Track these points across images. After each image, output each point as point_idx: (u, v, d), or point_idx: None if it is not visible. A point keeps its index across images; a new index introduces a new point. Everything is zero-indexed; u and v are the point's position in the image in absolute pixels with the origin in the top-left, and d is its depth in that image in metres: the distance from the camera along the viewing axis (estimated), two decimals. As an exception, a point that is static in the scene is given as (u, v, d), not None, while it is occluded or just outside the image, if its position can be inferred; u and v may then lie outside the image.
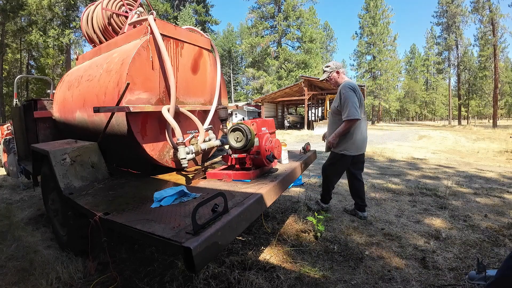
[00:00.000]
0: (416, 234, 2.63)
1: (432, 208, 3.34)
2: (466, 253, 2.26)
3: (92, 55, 3.19)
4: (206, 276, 1.97)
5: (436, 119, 60.91)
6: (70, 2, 22.50)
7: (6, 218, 3.40)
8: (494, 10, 30.71)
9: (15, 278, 2.09)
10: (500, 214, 3.13)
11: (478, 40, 36.09)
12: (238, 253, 2.31)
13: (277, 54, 36.36)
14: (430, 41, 47.50)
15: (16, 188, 5.12)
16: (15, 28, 21.99)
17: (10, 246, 2.64)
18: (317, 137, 15.28)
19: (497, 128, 23.05)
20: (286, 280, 1.92)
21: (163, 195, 1.61)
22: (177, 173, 2.51)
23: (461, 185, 4.41)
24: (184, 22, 35.26)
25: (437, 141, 13.34)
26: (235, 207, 1.37)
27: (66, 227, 2.36)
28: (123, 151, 2.59)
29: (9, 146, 5.26)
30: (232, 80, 50.28)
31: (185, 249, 1.01)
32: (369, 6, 37.59)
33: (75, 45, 26.03)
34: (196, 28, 3.13)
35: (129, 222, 1.33)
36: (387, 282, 1.91)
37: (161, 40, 2.23)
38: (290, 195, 3.96)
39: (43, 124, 3.48)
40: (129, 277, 2.04)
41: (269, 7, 36.61)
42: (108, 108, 1.99)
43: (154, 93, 2.33)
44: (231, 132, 2.01)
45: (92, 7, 3.35)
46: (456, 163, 6.98)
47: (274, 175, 2.06)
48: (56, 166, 2.10)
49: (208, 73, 2.93)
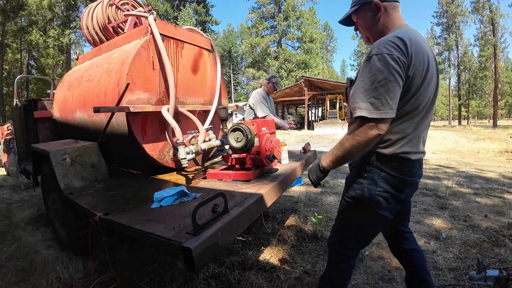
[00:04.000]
0: (416, 234, 2.62)
1: (432, 208, 3.34)
2: (466, 253, 2.26)
3: (92, 55, 3.19)
4: (206, 276, 1.97)
5: (436, 119, 60.89)
6: (70, 2, 22.52)
7: (6, 218, 3.40)
8: (494, 10, 30.72)
9: (15, 278, 2.09)
10: (500, 214, 3.13)
11: (478, 40, 36.10)
12: (238, 253, 2.31)
13: (277, 54, 36.39)
14: (430, 41, 47.37)
15: (16, 188, 5.13)
16: (15, 28, 22.00)
17: (10, 246, 2.64)
18: (317, 137, 15.29)
19: (497, 128, 23.04)
20: (286, 280, 1.92)
21: (163, 195, 1.61)
22: (177, 173, 2.51)
23: (461, 185, 4.41)
24: (184, 22, 35.25)
25: (437, 141, 13.33)
26: (235, 207, 1.37)
27: (66, 227, 2.36)
28: (123, 151, 2.59)
29: (9, 146, 5.26)
30: (232, 80, 50.27)
31: (185, 249, 1.01)
32: (369, 6, 37.53)
33: (75, 45, 26.05)
34: (196, 28, 3.13)
35: (129, 222, 1.33)
36: (387, 282, 1.91)
37: (160, 40, 2.23)
38: (290, 195, 3.96)
39: (43, 124, 3.48)
40: (129, 277, 2.04)
41: (269, 7, 36.65)
42: (108, 108, 1.99)
43: (154, 93, 2.33)
44: (231, 132, 2.01)
45: (92, 6, 3.36)
46: (456, 163, 6.98)
47: (274, 175, 2.06)
48: (56, 166, 2.10)
49: (208, 73, 2.93)
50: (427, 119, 1.22)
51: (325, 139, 13.92)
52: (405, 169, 1.17)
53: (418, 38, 1.13)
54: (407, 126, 1.15)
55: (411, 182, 1.21)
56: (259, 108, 3.56)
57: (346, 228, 1.36)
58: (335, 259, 1.39)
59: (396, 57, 1.04)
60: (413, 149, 1.17)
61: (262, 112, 3.54)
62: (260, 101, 3.56)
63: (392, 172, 1.17)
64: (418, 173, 1.25)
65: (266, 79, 3.75)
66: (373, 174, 1.20)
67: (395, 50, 1.05)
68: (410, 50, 1.06)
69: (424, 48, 1.13)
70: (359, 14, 1.29)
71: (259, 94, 3.62)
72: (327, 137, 15.12)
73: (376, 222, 1.28)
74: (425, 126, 1.23)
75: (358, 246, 1.39)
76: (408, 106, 1.14)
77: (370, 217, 1.25)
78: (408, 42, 1.07)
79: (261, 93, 3.64)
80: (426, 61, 1.12)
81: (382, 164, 1.18)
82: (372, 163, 1.20)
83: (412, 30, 1.19)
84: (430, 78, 1.15)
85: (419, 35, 1.18)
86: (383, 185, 1.17)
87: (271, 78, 3.72)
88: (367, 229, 1.31)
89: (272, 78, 3.71)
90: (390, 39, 1.08)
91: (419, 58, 1.09)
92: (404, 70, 1.06)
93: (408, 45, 1.06)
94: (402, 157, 1.16)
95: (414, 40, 1.10)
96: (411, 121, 1.16)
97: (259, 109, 3.56)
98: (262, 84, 3.78)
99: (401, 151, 1.15)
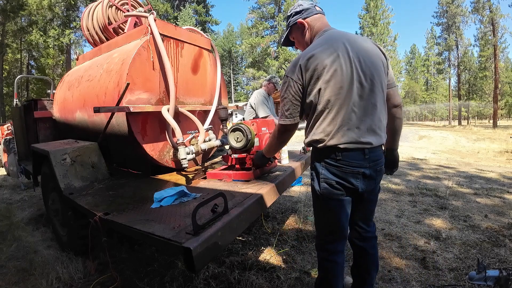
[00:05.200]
0: (416, 234, 2.62)
1: (433, 208, 3.34)
2: (466, 254, 2.26)
3: (92, 55, 3.19)
4: (206, 276, 1.97)
5: (436, 119, 60.87)
6: (70, 2, 22.49)
7: (6, 218, 3.40)
8: (494, 10, 30.68)
9: (15, 278, 2.09)
10: (501, 214, 3.13)
11: (478, 40, 36.06)
12: (238, 253, 2.31)
13: (277, 54, 36.35)
14: (430, 41, 47.46)
15: (16, 188, 5.13)
16: (16, 28, 21.99)
17: (10, 246, 2.64)
18: (317, 137, 15.26)
19: (497, 128, 23.04)
20: (286, 281, 1.92)
21: (163, 195, 1.61)
22: (177, 173, 2.51)
23: (461, 185, 4.41)
24: (184, 22, 35.24)
25: (437, 141, 13.34)
26: (235, 208, 1.37)
27: (66, 227, 2.36)
28: (123, 151, 2.59)
29: (9, 146, 5.26)
30: (232, 80, 50.27)
31: (185, 250, 1.01)
32: (369, 6, 37.56)
33: (75, 45, 26.03)
34: (196, 28, 3.13)
35: (129, 222, 1.33)
36: (387, 282, 1.91)
37: (160, 40, 2.23)
38: (290, 195, 3.96)
39: (43, 124, 3.48)
40: (129, 277, 2.04)
41: (269, 7, 36.61)
42: (108, 108, 1.99)
43: (154, 93, 2.33)
44: (231, 132, 2.01)
45: (92, 7, 3.35)
46: (456, 163, 6.98)
47: (274, 175, 2.06)
48: (56, 166, 2.10)
49: (208, 73, 2.93)
50: (354, 108, 1.26)
51: (325, 139, 13.89)
52: (338, 157, 1.28)
53: (327, 40, 1.30)
54: (327, 123, 1.28)
55: (351, 171, 1.29)
56: (261, 108, 3.60)
57: (317, 222, 1.51)
58: (321, 258, 1.48)
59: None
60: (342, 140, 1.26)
61: (263, 112, 3.59)
62: (262, 102, 3.62)
63: (328, 160, 1.31)
64: (360, 163, 1.29)
65: (266, 80, 3.81)
66: (315, 163, 1.40)
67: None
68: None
69: (335, 47, 1.26)
70: (292, 34, 1.54)
71: (261, 95, 3.67)
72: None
73: (330, 209, 1.39)
74: (357, 115, 1.26)
75: (333, 239, 1.44)
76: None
77: (323, 204, 1.40)
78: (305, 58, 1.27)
79: (262, 93, 3.69)
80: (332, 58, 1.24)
81: (319, 155, 1.35)
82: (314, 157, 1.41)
83: (323, 36, 1.35)
84: (337, 71, 1.23)
85: (332, 36, 1.33)
86: (324, 172, 1.34)
87: (271, 79, 3.79)
88: (328, 217, 1.41)
89: (272, 79, 3.79)
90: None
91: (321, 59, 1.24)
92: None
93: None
94: (332, 147, 1.28)
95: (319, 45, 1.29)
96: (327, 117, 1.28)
97: (261, 109, 3.60)
98: (263, 85, 3.83)
99: (331, 144, 1.28)
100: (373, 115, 1.28)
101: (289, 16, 1.49)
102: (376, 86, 1.29)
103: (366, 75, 1.26)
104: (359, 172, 1.29)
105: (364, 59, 1.27)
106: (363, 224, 1.55)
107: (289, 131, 1.45)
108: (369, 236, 1.57)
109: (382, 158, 1.41)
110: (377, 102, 1.29)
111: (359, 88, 1.24)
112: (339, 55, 1.23)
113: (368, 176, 1.32)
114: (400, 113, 1.50)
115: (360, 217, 1.53)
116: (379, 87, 1.30)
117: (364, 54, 1.28)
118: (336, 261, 1.42)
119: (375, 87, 1.28)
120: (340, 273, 1.43)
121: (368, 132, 1.27)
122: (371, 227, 1.58)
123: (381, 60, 1.34)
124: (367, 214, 1.55)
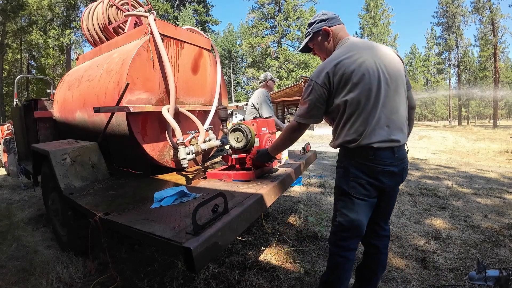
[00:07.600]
0: (416, 234, 2.62)
1: (433, 208, 3.34)
2: (466, 254, 2.26)
3: (92, 55, 3.19)
4: (206, 276, 1.97)
5: (436, 119, 60.88)
6: (70, 2, 22.49)
7: (6, 218, 3.40)
8: (494, 10, 30.70)
9: (15, 278, 2.09)
10: (501, 214, 3.13)
11: (478, 40, 36.07)
12: (238, 253, 2.31)
13: (277, 54, 36.36)
14: (430, 41, 47.46)
15: (16, 188, 5.13)
16: (16, 28, 21.98)
17: (10, 246, 2.64)
18: (317, 137, 15.28)
19: (497, 129, 23.05)
20: (286, 281, 1.92)
21: (163, 195, 1.61)
22: (177, 173, 2.51)
23: (461, 186, 4.41)
24: (184, 22, 35.25)
25: (438, 141, 13.34)
26: (235, 208, 1.37)
27: (66, 227, 2.36)
28: (123, 151, 2.58)
29: (9, 146, 5.25)
30: (232, 80, 50.26)
31: (185, 249, 1.01)
32: (369, 6, 37.61)
33: (75, 45, 26.01)
34: (196, 28, 3.13)
35: (129, 222, 1.33)
36: (387, 282, 1.91)
37: (160, 40, 2.23)
38: (290, 195, 3.96)
39: (43, 124, 3.48)
40: (129, 277, 2.04)
41: (269, 7, 36.65)
42: (108, 108, 1.99)
43: (154, 93, 2.33)
44: (231, 132, 2.01)
45: (92, 7, 3.35)
46: (456, 164, 6.98)
47: (274, 175, 2.06)
48: (56, 166, 2.09)
49: (208, 73, 2.93)
50: (383, 108, 1.32)
51: (325, 139, 13.92)
52: (371, 157, 1.32)
53: (352, 48, 1.37)
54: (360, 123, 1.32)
55: (382, 169, 1.33)
56: (265, 108, 3.56)
57: (336, 219, 1.50)
58: (332, 252, 1.49)
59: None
60: (375, 139, 1.30)
61: (267, 112, 3.55)
62: (265, 101, 3.57)
63: (360, 160, 1.35)
64: (391, 162, 1.34)
65: (263, 80, 3.79)
66: (346, 163, 1.41)
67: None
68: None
69: (360, 53, 1.34)
70: (313, 41, 1.56)
71: (264, 94, 3.62)
72: (327, 137, 15.11)
73: (354, 208, 1.40)
74: (386, 114, 1.32)
75: (348, 237, 1.46)
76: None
77: (348, 202, 1.41)
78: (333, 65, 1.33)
79: (265, 93, 3.65)
80: (356, 65, 1.31)
81: (351, 154, 1.38)
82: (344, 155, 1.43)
83: (347, 44, 1.42)
84: (365, 74, 1.30)
85: (355, 44, 1.41)
86: (354, 171, 1.36)
87: (267, 76, 3.78)
88: (350, 215, 1.42)
89: (267, 76, 3.78)
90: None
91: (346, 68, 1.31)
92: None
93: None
94: (365, 147, 1.31)
95: (345, 52, 1.35)
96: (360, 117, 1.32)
97: (265, 109, 3.55)
98: (261, 85, 3.80)
99: (364, 144, 1.31)
100: (398, 114, 1.36)
101: (312, 23, 1.54)
102: (400, 87, 1.38)
103: (391, 77, 1.34)
104: (389, 170, 1.35)
105: (388, 63, 1.36)
106: (382, 222, 1.59)
107: (302, 130, 1.51)
108: (385, 234, 1.60)
109: (407, 157, 1.46)
110: (402, 102, 1.39)
111: (386, 89, 1.32)
112: (365, 60, 1.31)
113: (396, 174, 1.38)
114: (413, 114, 1.59)
115: (381, 215, 1.56)
116: (402, 88, 1.40)
117: (387, 59, 1.37)
118: (348, 257, 1.45)
119: (399, 88, 1.38)
120: (349, 270, 1.47)
121: (396, 130, 1.34)
122: (387, 226, 1.62)
123: (401, 64, 1.44)
124: (388, 212, 1.58)
